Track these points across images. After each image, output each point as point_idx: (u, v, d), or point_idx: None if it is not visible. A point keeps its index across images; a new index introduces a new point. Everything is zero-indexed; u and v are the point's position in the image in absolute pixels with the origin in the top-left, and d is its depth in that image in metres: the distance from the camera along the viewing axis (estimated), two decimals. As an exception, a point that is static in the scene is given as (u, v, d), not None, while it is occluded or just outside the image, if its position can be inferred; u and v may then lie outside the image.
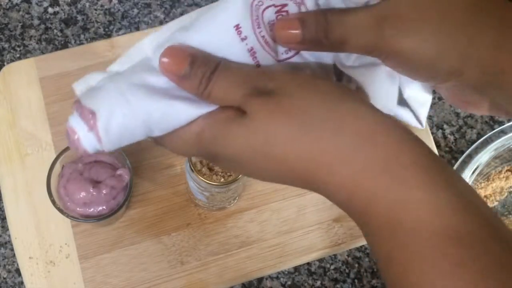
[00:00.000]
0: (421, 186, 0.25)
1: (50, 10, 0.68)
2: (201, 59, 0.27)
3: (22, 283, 0.56)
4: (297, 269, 0.60)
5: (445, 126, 0.69)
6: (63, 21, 0.67)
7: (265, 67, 0.29)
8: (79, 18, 0.67)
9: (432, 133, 0.68)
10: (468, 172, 0.62)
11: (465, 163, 0.62)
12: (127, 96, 0.26)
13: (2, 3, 0.67)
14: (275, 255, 0.57)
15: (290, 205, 0.59)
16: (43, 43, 0.66)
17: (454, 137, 0.69)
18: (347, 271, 0.61)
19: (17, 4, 0.67)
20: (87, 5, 0.68)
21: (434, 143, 0.62)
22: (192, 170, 0.49)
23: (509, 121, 0.67)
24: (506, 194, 0.65)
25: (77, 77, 0.63)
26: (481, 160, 0.63)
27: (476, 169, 0.63)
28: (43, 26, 0.67)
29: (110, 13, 0.68)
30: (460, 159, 0.63)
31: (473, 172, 0.62)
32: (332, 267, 0.61)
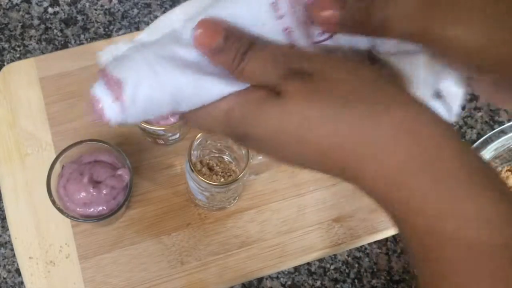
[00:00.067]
0: (468, 194, 0.23)
1: (50, 10, 0.68)
2: (236, 34, 0.26)
3: (22, 283, 0.56)
4: (297, 269, 0.60)
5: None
6: (63, 21, 0.67)
7: (301, 48, 0.27)
8: (79, 18, 0.67)
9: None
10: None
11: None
12: (155, 68, 0.26)
13: (2, 3, 0.67)
14: (275, 255, 0.57)
15: (290, 205, 0.59)
16: (43, 43, 0.66)
17: (454, 137, 0.69)
18: (347, 271, 0.61)
19: (17, 4, 0.67)
20: (87, 5, 0.68)
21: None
22: (192, 170, 0.49)
23: (509, 121, 0.67)
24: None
25: (77, 77, 0.64)
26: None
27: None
28: (43, 26, 0.67)
29: (110, 13, 0.68)
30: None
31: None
32: (332, 267, 0.61)
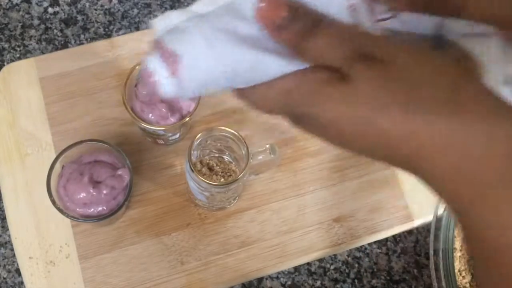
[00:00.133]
0: None
1: (50, 10, 0.68)
2: (302, 11, 0.24)
3: (22, 283, 0.56)
4: (297, 269, 0.60)
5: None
6: (63, 21, 0.67)
7: (368, 30, 0.25)
8: (79, 18, 0.67)
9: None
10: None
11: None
12: (212, 42, 0.24)
13: (2, 3, 0.67)
14: (275, 255, 0.57)
15: (290, 205, 0.59)
16: (43, 43, 0.66)
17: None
18: (347, 271, 0.61)
19: (17, 4, 0.67)
20: (87, 5, 0.68)
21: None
22: (192, 170, 0.49)
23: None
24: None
25: (77, 77, 0.64)
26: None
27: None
28: (43, 26, 0.67)
29: (110, 13, 0.68)
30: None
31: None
32: (332, 267, 0.61)
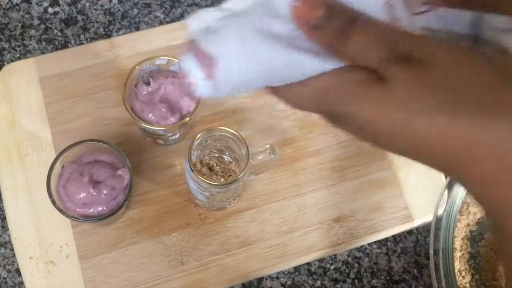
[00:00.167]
0: None
1: (50, 10, 0.68)
2: (338, 10, 0.23)
3: (22, 283, 0.56)
4: (297, 269, 0.60)
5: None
6: (63, 21, 0.67)
7: (406, 28, 0.25)
8: (79, 18, 0.67)
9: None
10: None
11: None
12: (248, 44, 0.25)
13: (2, 3, 0.67)
14: (275, 255, 0.57)
15: (290, 205, 0.59)
16: (43, 43, 0.66)
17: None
18: (347, 271, 0.61)
19: (17, 4, 0.67)
20: (87, 5, 0.68)
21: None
22: (192, 170, 0.49)
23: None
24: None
25: (77, 77, 0.64)
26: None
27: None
28: (43, 26, 0.67)
29: (110, 13, 0.68)
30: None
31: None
32: (332, 267, 0.61)
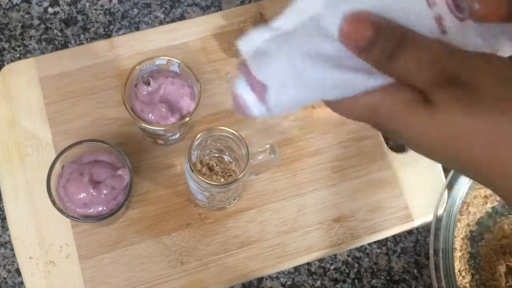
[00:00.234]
0: None
1: (50, 10, 0.68)
2: (386, 30, 0.24)
3: (22, 283, 0.56)
4: (297, 269, 0.60)
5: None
6: (63, 21, 0.67)
7: (457, 47, 0.25)
8: (79, 18, 0.67)
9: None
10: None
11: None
12: (298, 69, 0.26)
13: (2, 3, 0.67)
14: (275, 255, 0.57)
15: (290, 205, 0.59)
16: (43, 43, 0.66)
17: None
18: (347, 271, 0.61)
19: (17, 4, 0.67)
20: (87, 5, 0.68)
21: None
22: (192, 170, 0.49)
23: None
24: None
25: (77, 77, 0.64)
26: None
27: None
28: (43, 26, 0.67)
29: (110, 13, 0.68)
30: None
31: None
32: (332, 267, 0.61)
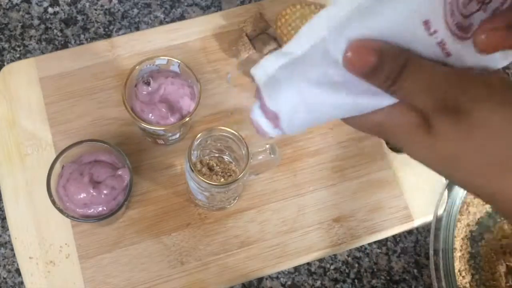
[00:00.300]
0: None
1: (50, 10, 0.68)
2: (389, 55, 0.25)
3: (22, 283, 0.56)
4: (297, 269, 0.60)
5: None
6: (63, 21, 0.67)
7: (459, 70, 0.26)
8: (79, 18, 0.67)
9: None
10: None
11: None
12: (308, 95, 0.28)
13: (2, 3, 0.67)
14: (275, 255, 0.57)
15: (290, 205, 0.59)
16: (43, 43, 0.66)
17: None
18: (347, 271, 0.61)
19: (17, 4, 0.67)
20: (87, 5, 0.68)
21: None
22: (192, 170, 0.49)
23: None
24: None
25: (77, 77, 0.64)
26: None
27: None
28: (43, 26, 0.67)
29: (110, 13, 0.68)
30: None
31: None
32: (332, 267, 0.61)
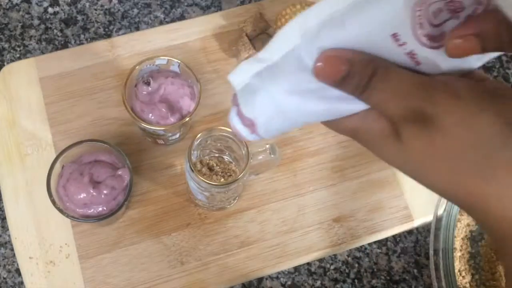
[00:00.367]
0: None
1: (50, 10, 0.68)
2: (359, 64, 0.26)
3: (22, 283, 0.56)
4: (297, 269, 0.60)
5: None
6: (63, 21, 0.67)
7: (426, 78, 0.27)
8: (79, 18, 0.67)
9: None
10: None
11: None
12: (282, 102, 0.29)
13: (2, 3, 0.67)
14: (275, 255, 0.57)
15: (290, 205, 0.59)
16: (43, 43, 0.66)
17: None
18: (347, 271, 0.61)
19: (17, 4, 0.67)
20: (87, 5, 0.68)
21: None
22: (192, 170, 0.49)
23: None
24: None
25: (77, 77, 0.64)
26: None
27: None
28: (43, 26, 0.67)
29: (110, 13, 0.68)
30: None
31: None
32: (332, 267, 0.61)
